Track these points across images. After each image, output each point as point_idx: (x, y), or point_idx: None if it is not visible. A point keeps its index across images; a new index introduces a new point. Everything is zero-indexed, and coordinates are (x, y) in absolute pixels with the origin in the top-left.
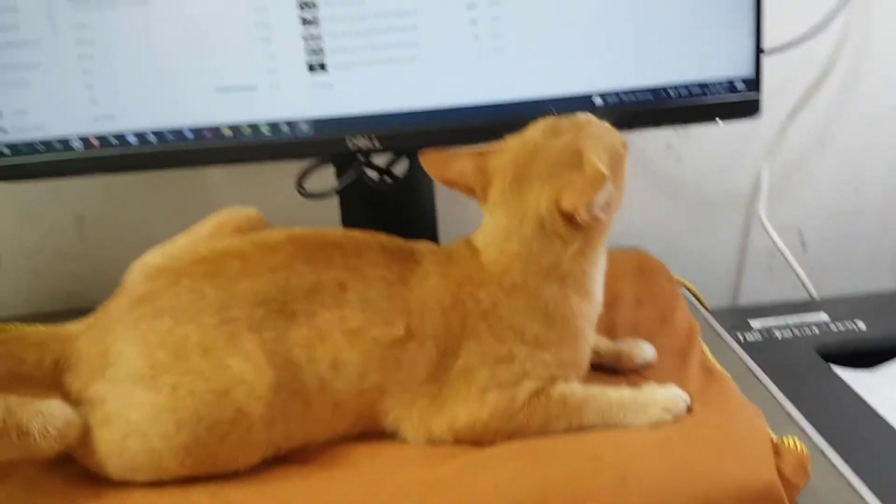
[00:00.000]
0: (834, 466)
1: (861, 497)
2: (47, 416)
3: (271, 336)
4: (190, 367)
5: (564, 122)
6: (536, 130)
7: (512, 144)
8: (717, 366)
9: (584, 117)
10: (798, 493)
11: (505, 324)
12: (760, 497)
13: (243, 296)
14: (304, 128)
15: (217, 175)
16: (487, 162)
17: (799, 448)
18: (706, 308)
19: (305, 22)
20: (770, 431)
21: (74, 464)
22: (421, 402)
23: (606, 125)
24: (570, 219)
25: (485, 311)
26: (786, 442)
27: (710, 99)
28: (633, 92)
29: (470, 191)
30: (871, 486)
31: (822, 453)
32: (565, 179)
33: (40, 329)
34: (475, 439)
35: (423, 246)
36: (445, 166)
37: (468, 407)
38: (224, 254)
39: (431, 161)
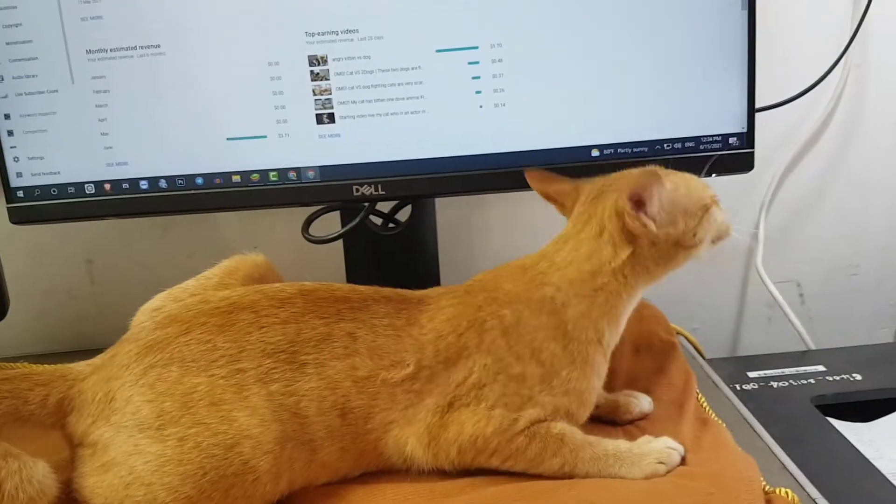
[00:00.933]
0: None
1: None
2: (23, 480)
3: (280, 387)
4: (197, 420)
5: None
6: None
7: (609, 175)
8: (713, 416)
9: None
10: None
11: (525, 340)
12: None
13: (253, 347)
14: (311, 175)
15: (226, 219)
16: (583, 184)
17: (791, 498)
18: (704, 358)
19: (315, 77)
20: (763, 481)
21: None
22: (430, 418)
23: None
24: (623, 223)
25: (507, 327)
26: (779, 493)
27: (705, 153)
28: (629, 145)
29: (562, 206)
30: None
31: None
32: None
33: (47, 368)
34: (475, 455)
35: (432, 290)
36: (548, 183)
37: (475, 421)
38: (236, 306)
39: (536, 177)
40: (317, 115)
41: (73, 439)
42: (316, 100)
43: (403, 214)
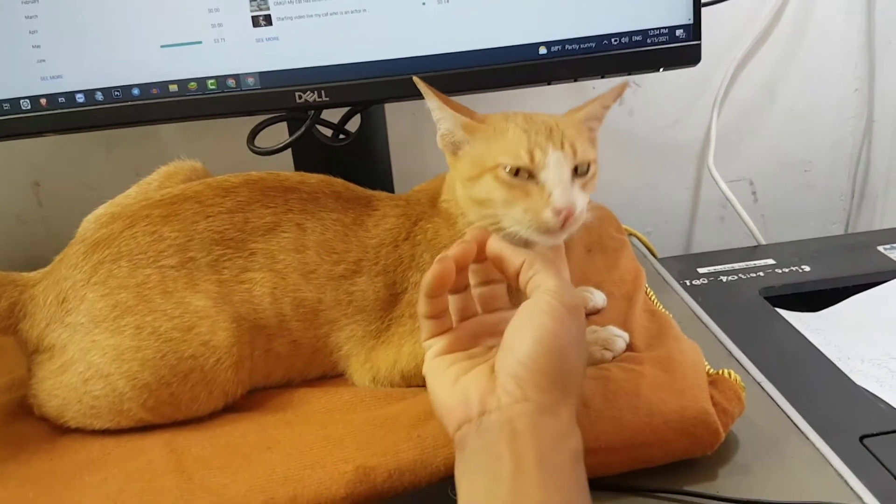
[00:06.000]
0: (770, 397)
1: (795, 425)
2: None
3: (231, 274)
4: (152, 307)
5: None
6: None
7: None
8: (660, 308)
9: None
10: (733, 421)
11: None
12: (696, 425)
13: (202, 236)
14: (251, 81)
15: (170, 135)
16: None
17: (734, 379)
18: (656, 257)
19: None
20: (707, 364)
21: (31, 414)
22: (369, 340)
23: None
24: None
25: (429, 241)
26: (722, 374)
27: (652, 46)
28: (577, 41)
29: None
30: (805, 415)
31: (760, 386)
32: None
33: None
34: (422, 378)
35: (381, 193)
36: None
37: (412, 344)
38: (180, 198)
39: None
40: (252, 16)
41: (28, 346)
42: (251, 1)
43: (353, 125)
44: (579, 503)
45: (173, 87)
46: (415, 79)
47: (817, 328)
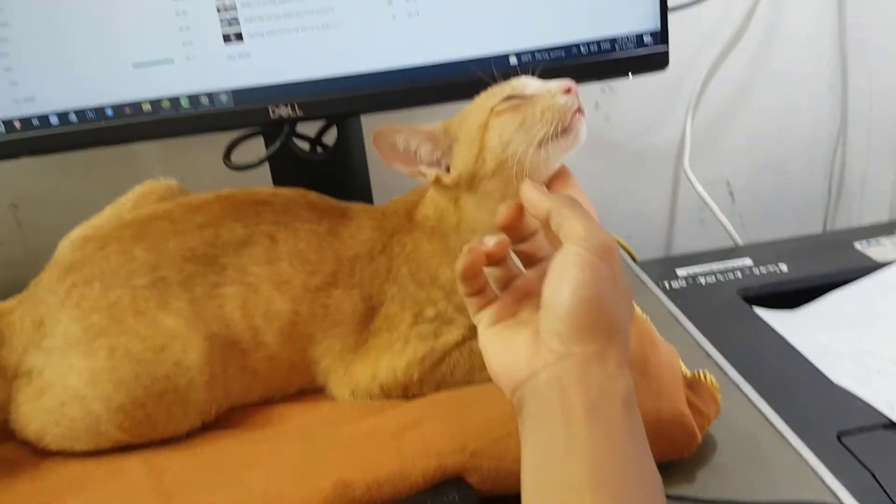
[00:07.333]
0: (748, 398)
1: (772, 425)
2: None
3: (203, 291)
4: (125, 329)
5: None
6: None
7: None
8: (637, 310)
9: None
10: (710, 423)
11: (423, 267)
12: (672, 426)
13: (172, 254)
14: (224, 99)
15: (147, 153)
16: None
17: (710, 381)
18: (635, 261)
19: None
20: (683, 366)
21: (13, 438)
22: (347, 354)
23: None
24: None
25: (408, 254)
26: (698, 376)
27: (621, 53)
28: (547, 50)
29: None
30: (782, 414)
31: (738, 386)
32: None
33: None
34: (402, 390)
35: (357, 205)
36: None
37: (390, 358)
38: (151, 217)
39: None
40: (223, 34)
41: (7, 373)
42: (221, 18)
43: (331, 138)
44: (632, 451)
45: (147, 107)
46: (373, 139)
47: (795, 326)
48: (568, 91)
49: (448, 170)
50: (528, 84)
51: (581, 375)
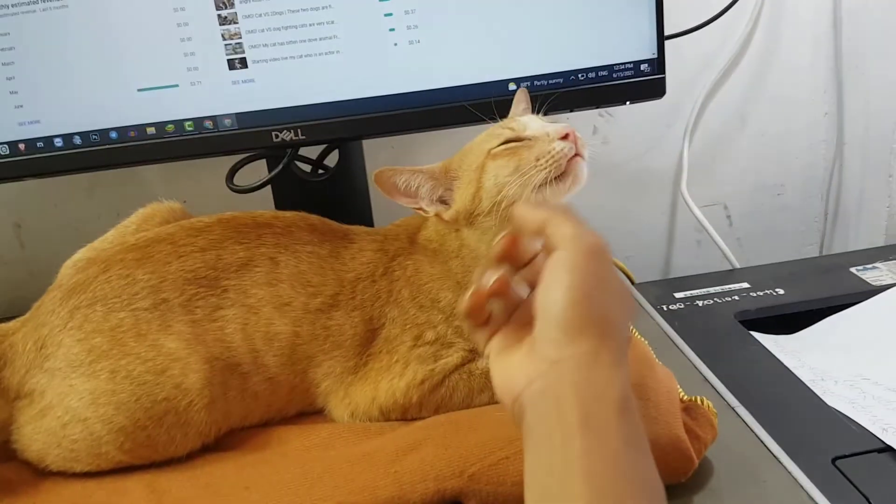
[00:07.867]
0: (744, 422)
1: (768, 449)
2: None
3: (204, 314)
4: (126, 351)
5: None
6: None
7: None
8: (634, 334)
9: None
10: (706, 447)
11: (424, 290)
12: (669, 452)
13: (174, 276)
14: (228, 122)
15: (151, 175)
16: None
17: (706, 405)
18: (633, 282)
19: (223, 20)
20: (681, 391)
21: (14, 458)
22: (347, 376)
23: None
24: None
25: (409, 277)
26: (695, 400)
27: (618, 81)
28: (545, 77)
29: None
30: (778, 439)
31: (734, 410)
32: None
33: None
34: (401, 413)
35: (358, 228)
36: None
37: (390, 380)
38: (153, 240)
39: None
40: (228, 60)
41: (9, 394)
42: (226, 45)
43: (332, 161)
44: (629, 459)
45: (151, 130)
46: (374, 179)
47: (791, 350)
48: (565, 137)
49: (448, 204)
50: (529, 125)
51: (574, 382)
